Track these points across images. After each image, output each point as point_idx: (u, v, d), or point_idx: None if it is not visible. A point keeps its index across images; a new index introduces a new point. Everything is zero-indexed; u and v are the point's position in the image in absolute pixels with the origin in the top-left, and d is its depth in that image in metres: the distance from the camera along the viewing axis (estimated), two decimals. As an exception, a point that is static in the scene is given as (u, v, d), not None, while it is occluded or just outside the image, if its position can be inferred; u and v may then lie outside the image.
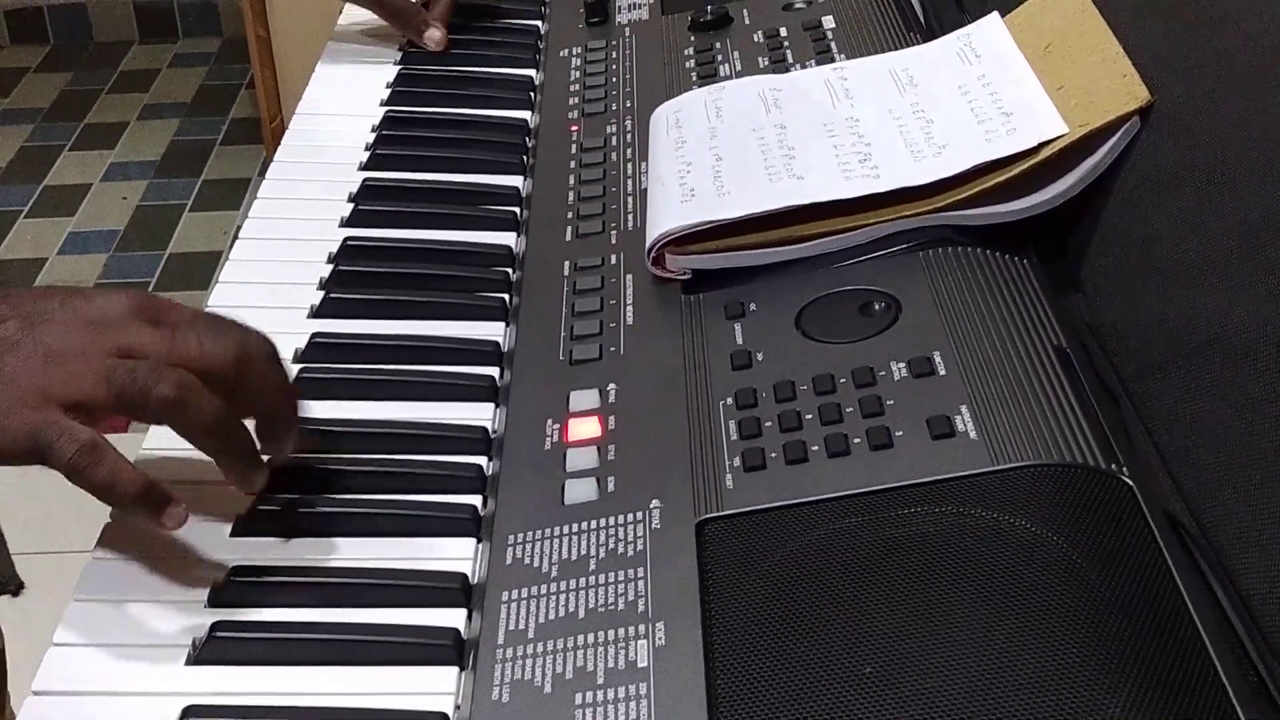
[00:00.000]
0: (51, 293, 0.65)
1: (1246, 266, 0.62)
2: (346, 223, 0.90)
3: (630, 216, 0.85)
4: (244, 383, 0.64)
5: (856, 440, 0.63)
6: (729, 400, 0.68)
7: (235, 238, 0.90)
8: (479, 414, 0.74)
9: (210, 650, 0.60)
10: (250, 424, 0.66)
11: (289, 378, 0.68)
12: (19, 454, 0.61)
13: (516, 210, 0.91)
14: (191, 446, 0.64)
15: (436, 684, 0.59)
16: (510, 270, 0.85)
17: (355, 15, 1.17)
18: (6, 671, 1.11)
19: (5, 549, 1.74)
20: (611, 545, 0.62)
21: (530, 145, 0.99)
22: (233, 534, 0.67)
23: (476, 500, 0.68)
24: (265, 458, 0.67)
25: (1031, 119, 0.77)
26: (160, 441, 0.70)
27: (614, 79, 1.02)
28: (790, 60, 0.97)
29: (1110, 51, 0.76)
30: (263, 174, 0.99)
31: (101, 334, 0.63)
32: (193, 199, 2.69)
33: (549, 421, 0.70)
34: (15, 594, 1.76)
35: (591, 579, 0.60)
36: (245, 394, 0.65)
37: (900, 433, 0.63)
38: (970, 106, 0.80)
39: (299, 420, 0.68)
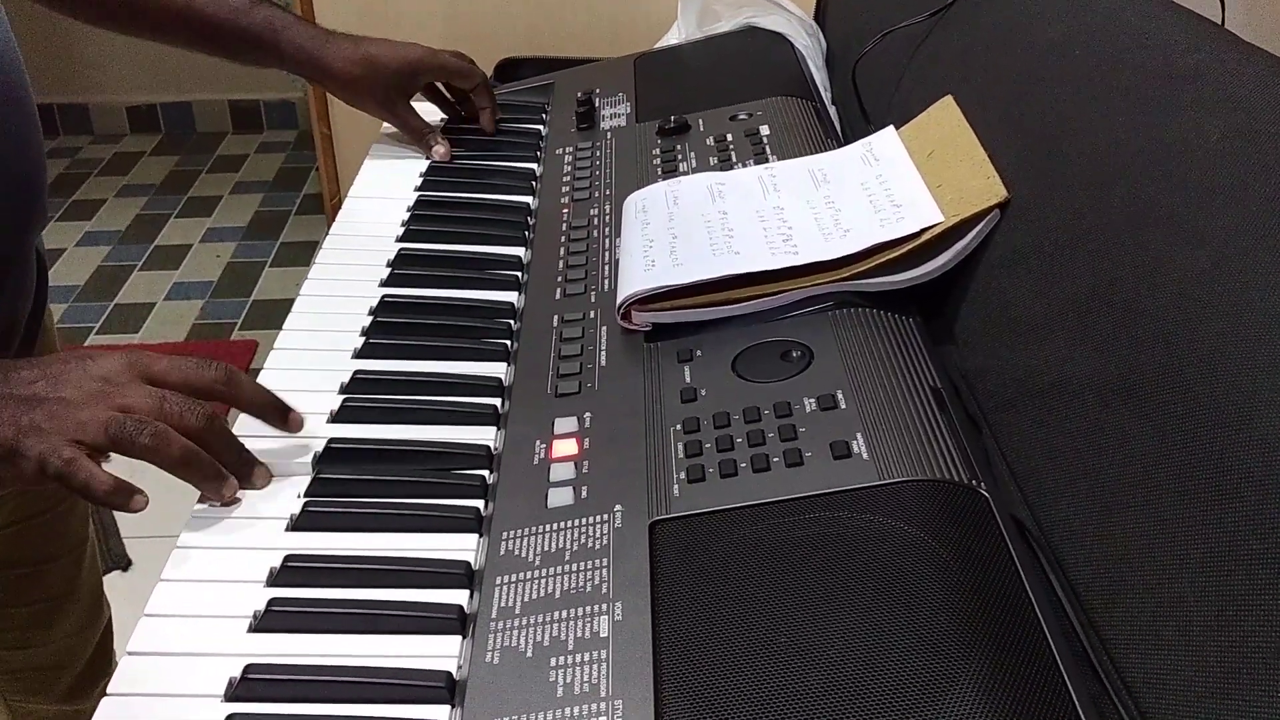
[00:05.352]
0: (68, 357, 0.67)
1: (1077, 328, 0.62)
2: (385, 283, 0.90)
3: (606, 280, 0.85)
4: (229, 396, 0.69)
5: (775, 459, 0.64)
6: (678, 426, 0.68)
7: (302, 290, 0.91)
8: (484, 435, 0.73)
9: None
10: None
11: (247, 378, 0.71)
12: (31, 477, 0.63)
13: (518, 274, 0.91)
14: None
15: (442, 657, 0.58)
16: (512, 322, 0.85)
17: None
18: (113, 634, 1.11)
19: (117, 531, 1.73)
20: (583, 540, 0.62)
21: (530, 223, 0.99)
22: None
23: (480, 503, 0.68)
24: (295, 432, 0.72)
25: (916, 210, 0.77)
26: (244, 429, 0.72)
27: (597, 172, 1.02)
28: (734, 159, 0.97)
29: (978, 158, 0.77)
30: (326, 238, 0.99)
31: (107, 392, 0.65)
32: (271, 257, 2.69)
33: (537, 441, 0.70)
34: (125, 570, 1.75)
35: (566, 567, 0.60)
36: (232, 401, 0.70)
37: (809, 454, 0.63)
38: (869, 199, 0.81)
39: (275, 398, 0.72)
